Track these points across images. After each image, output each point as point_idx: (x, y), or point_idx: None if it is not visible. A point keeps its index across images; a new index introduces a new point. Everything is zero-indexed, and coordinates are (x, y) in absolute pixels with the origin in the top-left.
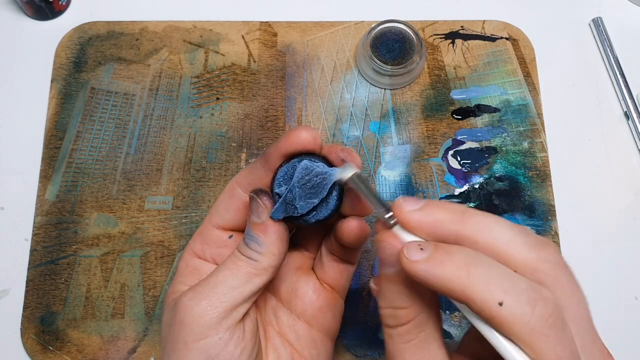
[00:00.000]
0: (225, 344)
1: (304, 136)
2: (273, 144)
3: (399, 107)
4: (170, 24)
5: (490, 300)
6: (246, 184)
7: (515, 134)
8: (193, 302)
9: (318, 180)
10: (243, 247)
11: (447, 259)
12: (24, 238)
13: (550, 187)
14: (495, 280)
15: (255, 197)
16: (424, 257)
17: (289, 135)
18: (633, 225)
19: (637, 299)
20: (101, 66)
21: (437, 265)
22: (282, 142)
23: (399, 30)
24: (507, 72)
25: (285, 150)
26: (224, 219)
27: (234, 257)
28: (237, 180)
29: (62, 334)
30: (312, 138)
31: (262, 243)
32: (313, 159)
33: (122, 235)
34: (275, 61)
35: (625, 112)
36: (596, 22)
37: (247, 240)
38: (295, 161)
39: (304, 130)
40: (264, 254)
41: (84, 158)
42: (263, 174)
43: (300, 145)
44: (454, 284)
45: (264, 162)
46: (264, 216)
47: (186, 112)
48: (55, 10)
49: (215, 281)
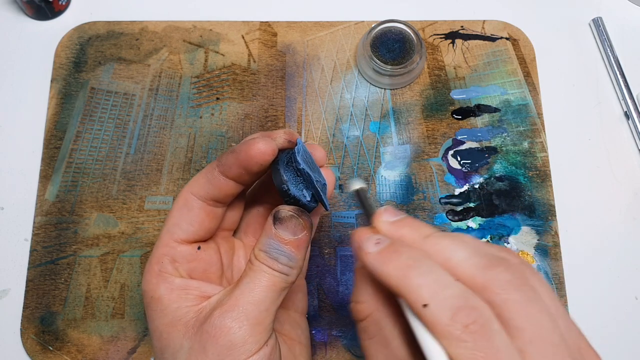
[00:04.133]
0: (271, 353)
1: (262, 149)
2: (231, 155)
3: (399, 107)
4: (170, 24)
5: (418, 301)
6: (204, 193)
7: (515, 134)
8: (239, 324)
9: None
10: (272, 262)
11: (393, 257)
12: (23, 238)
13: (550, 187)
14: (428, 283)
15: (296, 216)
16: (375, 250)
17: (249, 150)
18: (633, 225)
19: (637, 299)
20: (101, 66)
21: (383, 260)
22: (241, 155)
23: (399, 30)
24: (507, 72)
25: (246, 163)
26: (188, 232)
27: (265, 273)
28: (192, 191)
29: (62, 334)
30: (271, 150)
31: (293, 258)
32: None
33: (122, 235)
34: (275, 61)
35: (625, 112)
36: (596, 22)
37: (274, 254)
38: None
39: (260, 142)
40: (294, 267)
41: (83, 158)
42: (223, 183)
43: (261, 159)
44: (392, 281)
45: (223, 171)
46: (301, 233)
47: (186, 112)
48: (55, 10)
49: (254, 300)
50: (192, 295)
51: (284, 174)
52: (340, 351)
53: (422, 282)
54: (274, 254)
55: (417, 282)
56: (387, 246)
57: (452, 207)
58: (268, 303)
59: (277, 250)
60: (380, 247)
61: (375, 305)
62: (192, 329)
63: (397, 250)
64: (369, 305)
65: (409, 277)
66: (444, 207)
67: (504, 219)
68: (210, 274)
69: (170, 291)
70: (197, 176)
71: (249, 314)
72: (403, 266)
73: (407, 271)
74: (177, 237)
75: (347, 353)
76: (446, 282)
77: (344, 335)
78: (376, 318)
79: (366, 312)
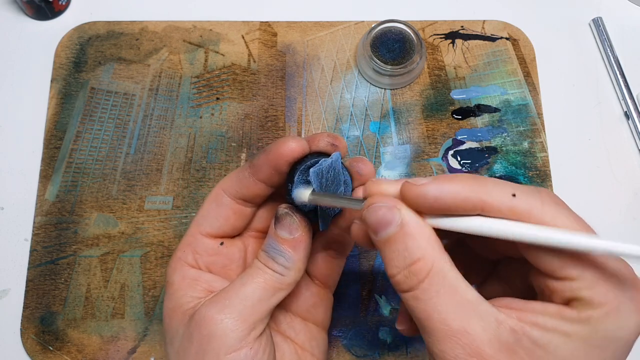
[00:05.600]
0: (255, 354)
1: (293, 147)
2: (262, 155)
3: (399, 107)
4: (170, 24)
5: (505, 195)
6: (234, 191)
7: (515, 134)
8: (222, 316)
9: (332, 173)
10: (269, 261)
11: (452, 177)
12: (23, 238)
13: (550, 187)
14: (502, 183)
15: (290, 213)
16: (430, 179)
17: (279, 148)
18: (633, 225)
19: None
20: (101, 66)
21: (446, 182)
22: (271, 154)
23: (399, 30)
24: (507, 72)
25: (276, 162)
26: (213, 227)
27: (259, 270)
28: (224, 187)
29: (62, 334)
30: (301, 148)
31: (289, 258)
32: (311, 161)
33: (122, 235)
34: (275, 61)
35: (625, 112)
36: (596, 22)
37: (272, 254)
38: (300, 175)
39: (292, 141)
40: (290, 269)
41: (83, 158)
42: (252, 183)
43: (290, 157)
44: (468, 193)
45: (253, 172)
46: (297, 233)
47: (186, 112)
48: (55, 10)
49: (243, 294)
50: (200, 287)
51: (296, 174)
52: (340, 351)
53: (495, 183)
54: (272, 254)
55: (492, 183)
56: (435, 176)
57: None
58: (255, 300)
59: (275, 249)
60: (428, 179)
61: (434, 253)
62: (186, 318)
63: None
64: (428, 259)
65: (483, 182)
66: None
67: None
68: (230, 270)
69: (182, 279)
70: (230, 174)
71: (235, 307)
72: (469, 178)
73: (477, 180)
74: (202, 230)
75: (347, 353)
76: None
77: (344, 335)
78: (439, 268)
79: (428, 266)
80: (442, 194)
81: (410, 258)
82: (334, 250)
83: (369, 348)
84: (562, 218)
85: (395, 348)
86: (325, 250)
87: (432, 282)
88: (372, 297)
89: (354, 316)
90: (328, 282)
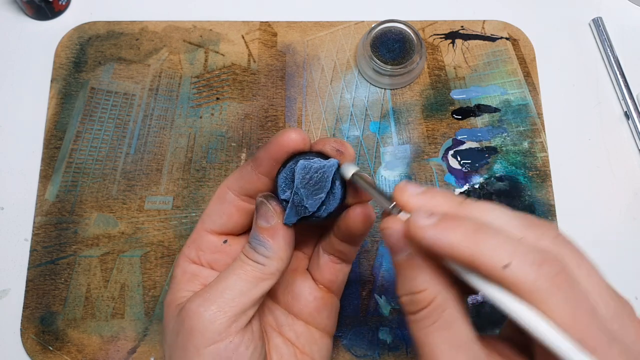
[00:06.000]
0: (236, 347)
1: (293, 137)
2: (263, 148)
3: (399, 107)
4: (170, 24)
5: (497, 263)
6: (237, 187)
7: (515, 134)
8: (202, 308)
9: (319, 175)
10: (250, 252)
11: (456, 224)
12: (23, 238)
13: (550, 187)
14: (502, 245)
15: (264, 201)
16: (433, 222)
17: (279, 139)
18: (633, 225)
19: (637, 299)
20: (101, 66)
21: (445, 230)
22: (272, 145)
23: (399, 30)
24: (507, 72)
25: (276, 153)
26: (216, 224)
27: (241, 262)
28: (228, 185)
29: (62, 334)
30: (302, 139)
31: (269, 247)
32: (307, 157)
33: (122, 235)
34: (275, 61)
35: (625, 112)
36: (596, 22)
37: (253, 244)
38: (292, 164)
39: (292, 132)
40: (271, 258)
41: (84, 158)
42: (255, 177)
43: (290, 147)
44: (462, 249)
45: (255, 165)
46: (273, 221)
47: (186, 112)
48: (55, 10)
49: (223, 286)
50: (198, 282)
51: (288, 163)
52: (340, 351)
53: (495, 243)
54: (253, 244)
55: (491, 243)
56: (444, 216)
57: None
58: (236, 292)
59: (257, 240)
60: (437, 217)
61: (438, 288)
62: (176, 311)
63: (457, 218)
64: (430, 292)
65: (481, 241)
66: None
67: None
68: None
69: (183, 273)
70: (234, 171)
71: (214, 299)
72: (470, 231)
73: (477, 235)
74: (206, 227)
75: (347, 353)
76: (517, 240)
77: (344, 335)
78: (439, 301)
79: (430, 298)
80: (436, 243)
81: (415, 287)
82: (337, 256)
83: (369, 348)
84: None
85: (395, 348)
86: (328, 254)
87: (431, 313)
88: (372, 297)
89: (354, 316)
90: (332, 287)
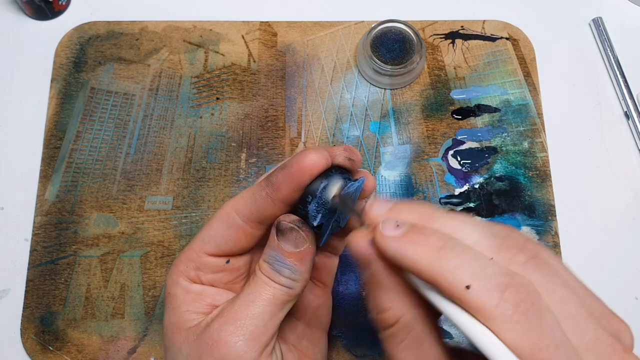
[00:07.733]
0: None
1: (316, 159)
2: (281, 172)
3: (399, 107)
4: (170, 24)
5: (458, 284)
6: (248, 213)
7: (515, 134)
8: (236, 338)
9: (354, 196)
10: (274, 275)
11: (421, 239)
12: (23, 238)
13: (550, 187)
14: (466, 264)
15: (297, 229)
16: (398, 233)
17: (301, 163)
18: (633, 225)
19: (637, 299)
20: (101, 66)
21: (409, 244)
22: (294, 171)
23: (399, 30)
24: (507, 72)
25: (300, 179)
26: (220, 248)
27: (265, 285)
28: (236, 209)
29: (62, 334)
30: (324, 159)
31: (296, 271)
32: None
33: (122, 235)
34: (275, 61)
35: (625, 112)
36: (596, 22)
37: (277, 266)
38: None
39: (313, 153)
40: (298, 280)
41: (83, 158)
42: (270, 204)
43: (314, 171)
44: (423, 266)
45: (272, 191)
46: (303, 247)
47: (186, 112)
48: (55, 10)
49: (253, 313)
50: (205, 303)
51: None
52: (340, 351)
53: (459, 262)
54: (276, 266)
55: (454, 263)
56: (411, 228)
57: (452, 207)
58: (267, 317)
59: (280, 262)
60: (403, 229)
61: (404, 307)
62: (192, 336)
63: (424, 232)
64: (397, 310)
65: (444, 258)
66: (444, 207)
67: (504, 219)
68: (235, 284)
69: (185, 293)
70: (243, 193)
71: (247, 328)
72: (434, 247)
73: (440, 252)
74: (207, 249)
75: (347, 353)
76: (484, 261)
77: (344, 335)
78: (406, 321)
79: (395, 317)
80: (398, 257)
81: (381, 306)
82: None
83: (369, 348)
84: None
85: None
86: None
87: (398, 332)
88: None
89: (354, 316)
90: (327, 280)
